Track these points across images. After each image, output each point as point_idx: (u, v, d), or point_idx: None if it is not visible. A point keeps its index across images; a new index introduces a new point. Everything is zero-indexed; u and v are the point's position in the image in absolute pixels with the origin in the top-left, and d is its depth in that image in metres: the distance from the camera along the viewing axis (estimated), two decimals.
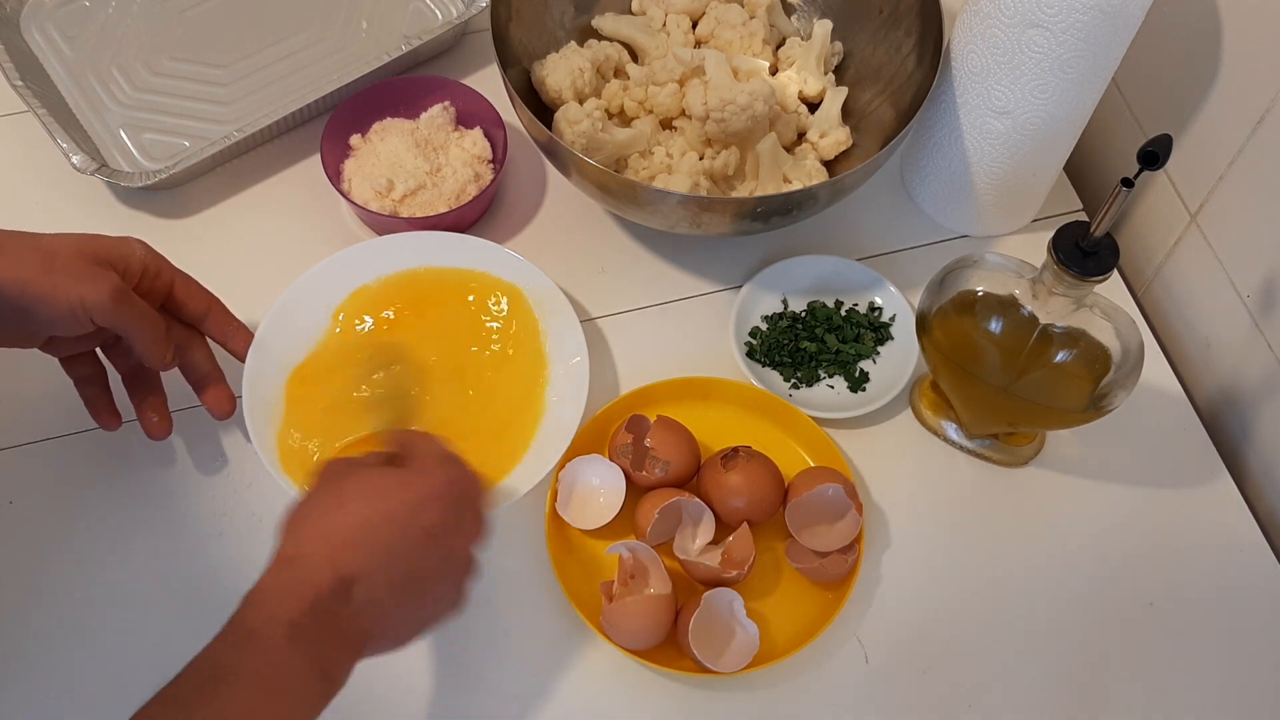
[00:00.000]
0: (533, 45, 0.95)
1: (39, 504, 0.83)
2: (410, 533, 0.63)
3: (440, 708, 0.76)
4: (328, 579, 0.60)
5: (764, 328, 0.90)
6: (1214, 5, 0.83)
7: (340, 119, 0.94)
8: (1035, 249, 0.84)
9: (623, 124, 0.94)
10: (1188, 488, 0.86)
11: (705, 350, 0.89)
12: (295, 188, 0.96)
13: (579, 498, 0.81)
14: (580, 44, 0.96)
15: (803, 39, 0.99)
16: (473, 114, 0.96)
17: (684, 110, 0.93)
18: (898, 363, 0.89)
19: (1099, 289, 0.72)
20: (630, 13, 1.01)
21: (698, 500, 0.79)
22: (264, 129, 0.94)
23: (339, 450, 0.81)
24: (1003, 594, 0.81)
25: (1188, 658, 0.80)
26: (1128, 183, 0.65)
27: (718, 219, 0.85)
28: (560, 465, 0.81)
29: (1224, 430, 0.90)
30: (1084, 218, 0.94)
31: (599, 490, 0.81)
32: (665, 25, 0.99)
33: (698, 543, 0.79)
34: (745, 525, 0.77)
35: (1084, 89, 0.81)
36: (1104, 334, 0.75)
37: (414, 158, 0.93)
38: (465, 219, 0.93)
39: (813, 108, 0.97)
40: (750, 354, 0.89)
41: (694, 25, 0.99)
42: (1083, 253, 0.69)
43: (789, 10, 1.02)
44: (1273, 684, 0.79)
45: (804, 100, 0.97)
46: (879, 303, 0.91)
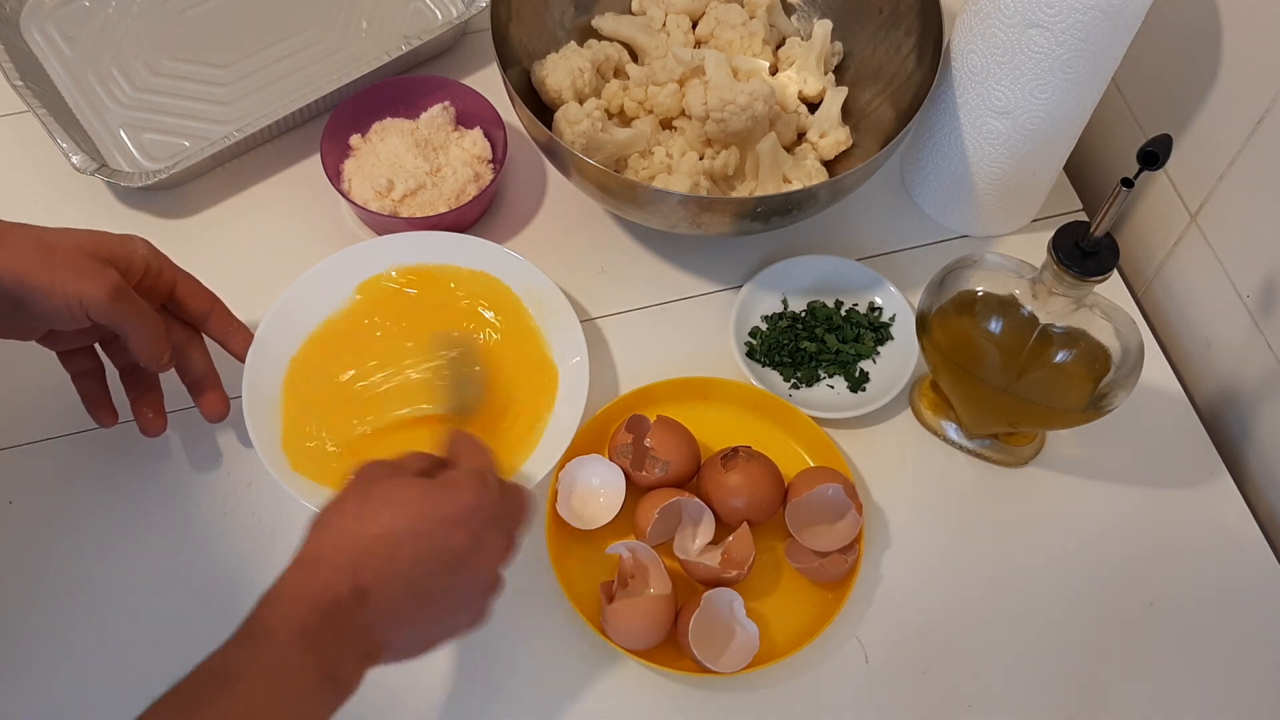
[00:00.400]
0: (533, 45, 0.95)
1: (39, 504, 0.83)
2: (434, 550, 0.62)
3: (440, 707, 0.76)
4: (345, 586, 0.59)
5: (764, 328, 0.90)
6: (1214, 5, 0.83)
7: (340, 119, 0.94)
8: (1035, 249, 0.84)
9: (623, 124, 0.94)
10: (1188, 488, 0.86)
11: (705, 350, 0.89)
12: (295, 188, 0.97)
13: (579, 498, 0.81)
14: (580, 44, 0.96)
15: (803, 39, 0.99)
16: (473, 114, 0.96)
17: (684, 110, 0.93)
18: (898, 363, 0.89)
19: (1099, 289, 0.72)
20: (630, 13, 1.01)
21: (698, 500, 0.79)
22: (264, 129, 0.94)
23: (391, 424, 0.81)
24: (1003, 594, 0.81)
25: (1188, 658, 0.80)
26: (1128, 183, 0.65)
27: (718, 219, 0.85)
28: (560, 465, 0.81)
29: (1224, 430, 0.90)
30: (1084, 218, 0.94)
31: (599, 490, 0.81)
32: (665, 25, 0.99)
33: (698, 543, 0.79)
34: (745, 525, 0.77)
35: (1084, 89, 0.81)
36: (1104, 334, 0.75)
37: (414, 158, 0.93)
38: (465, 219, 0.93)
39: (813, 108, 0.97)
40: (750, 354, 0.89)
41: (694, 25, 0.99)
42: (1083, 253, 0.69)
43: (789, 10, 1.02)
44: (1273, 684, 0.79)
45: (804, 100, 0.97)
46: (879, 303, 0.91)
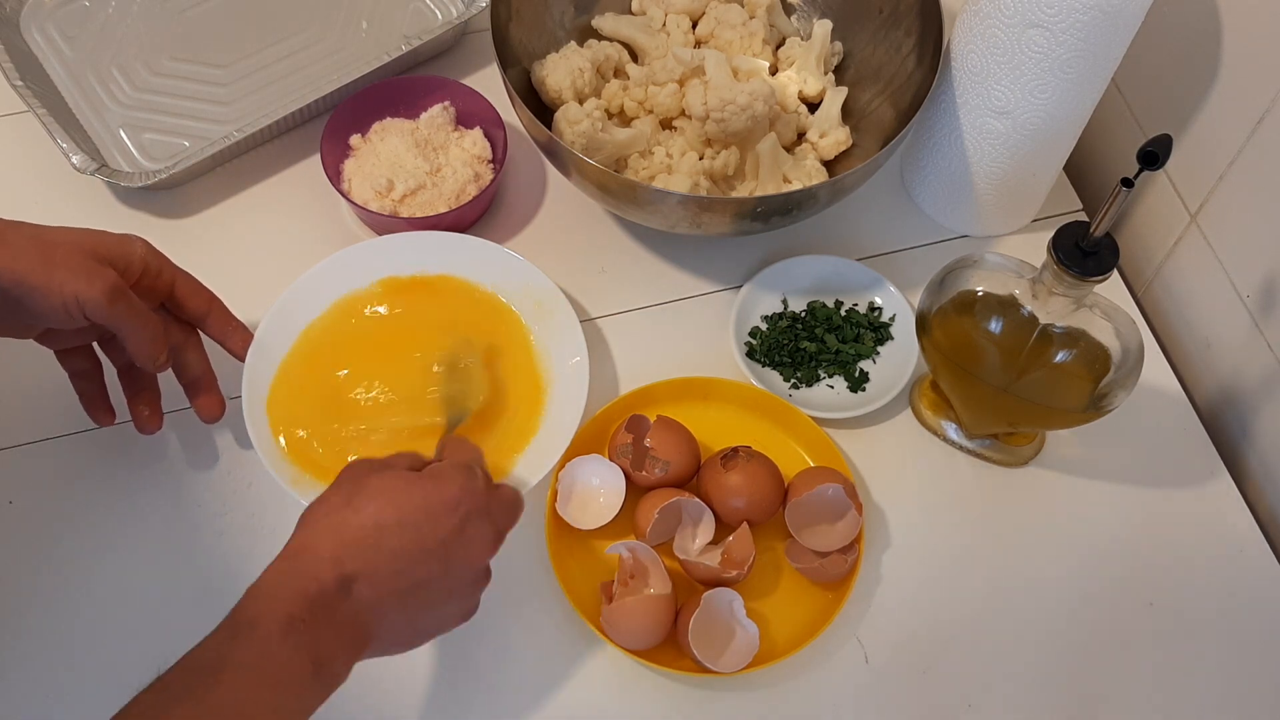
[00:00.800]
0: (533, 45, 0.95)
1: (39, 504, 0.83)
2: (421, 540, 0.63)
3: (439, 707, 0.76)
4: (330, 575, 0.60)
5: (764, 328, 0.90)
6: (1214, 5, 0.83)
7: (340, 119, 0.94)
8: (1035, 249, 0.84)
9: (623, 124, 0.94)
10: (1188, 488, 0.86)
11: (705, 350, 0.89)
12: (295, 188, 0.96)
13: (579, 498, 0.81)
14: (580, 44, 0.96)
15: (803, 39, 0.99)
16: (473, 114, 0.96)
17: (684, 110, 0.93)
18: (898, 363, 0.89)
19: (1099, 289, 0.72)
20: (630, 13, 1.01)
21: (698, 500, 0.79)
22: (264, 129, 0.94)
23: (389, 428, 0.81)
24: (1003, 594, 0.81)
25: (1188, 658, 0.80)
26: (1128, 183, 0.65)
27: (718, 219, 0.85)
28: (560, 465, 0.81)
29: (1224, 430, 0.90)
30: (1084, 218, 0.94)
31: (599, 490, 0.81)
32: (665, 25, 0.99)
33: (698, 543, 0.79)
34: (745, 525, 0.77)
35: (1084, 89, 0.81)
36: (1104, 334, 0.75)
37: (414, 158, 0.93)
38: (465, 219, 0.93)
39: (813, 108, 0.97)
40: (750, 354, 0.89)
41: (694, 25, 0.99)
42: (1083, 253, 0.69)
43: (789, 10, 1.02)
44: (1273, 684, 0.79)
45: (804, 100, 0.97)
46: (879, 303, 0.91)
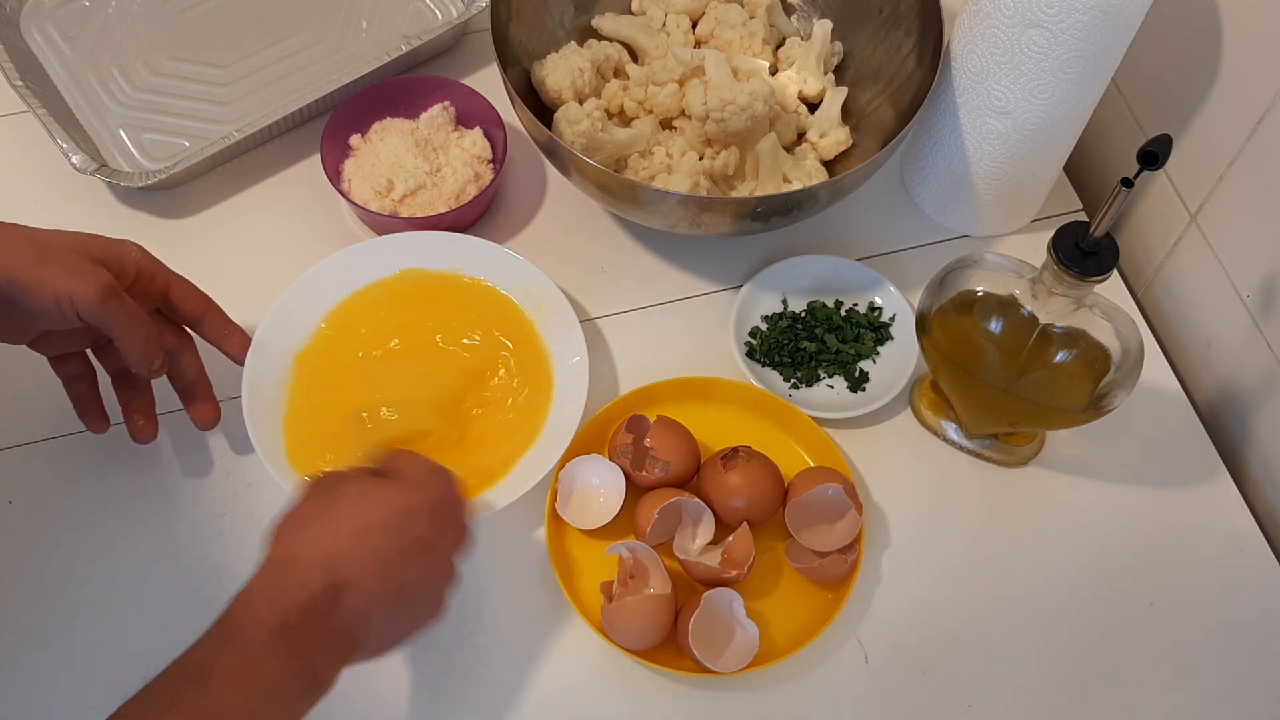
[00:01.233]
0: (533, 45, 0.95)
1: (39, 504, 0.83)
2: (403, 542, 0.63)
3: (439, 707, 0.76)
4: (320, 583, 0.60)
5: (764, 328, 0.90)
6: (1214, 5, 0.83)
7: (340, 119, 0.94)
8: (1035, 249, 0.84)
9: (623, 124, 0.94)
10: (1188, 488, 0.86)
11: (705, 350, 0.89)
12: (295, 188, 0.96)
13: (579, 498, 0.81)
14: (580, 44, 0.96)
15: (803, 39, 0.99)
16: (473, 114, 0.96)
17: (684, 110, 0.93)
18: (898, 363, 0.88)
19: (1099, 289, 0.72)
20: (630, 13, 1.01)
21: (698, 500, 0.79)
22: (264, 129, 0.94)
23: (392, 428, 0.81)
24: (1003, 594, 0.81)
25: (1188, 658, 0.80)
26: (1128, 183, 0.65)
27: (718, 219, 0.85)
28: (560, 465, 0.81)
29: (1224, 430, 0.90)
30: (1084, 218, 0.94)
31: (599, 490, 0.81)
32: (665, 25, 0.99)
33: (698, 543, 0.79)
34: (745, 525, 0.77)
35: (1084, 89, 0.81)
36: (1104, 334, 0.75)
37: (414, 158, 0.93)
38: (465, 219, 0.93)
39: (813, 108, 0.97)
40: (750, 354, 0.89)
41: (694, 25, 0.99)
42: (1083, 253, 0.69)
43: (789, 10, 1.02)
44: (1273, 684, 0.79)
45: (804, 100, 0.97)
46: (879, 303, 0.91)
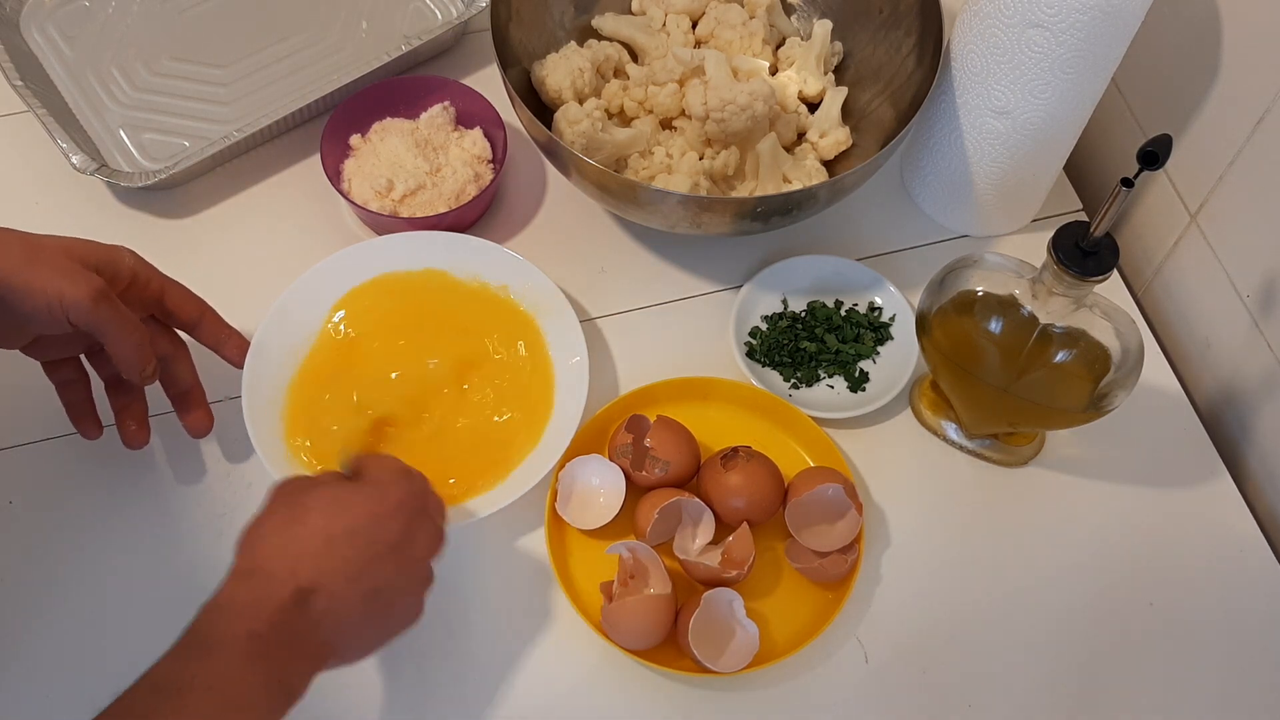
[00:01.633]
0: (533, 45, 0.95)
1: (39, 504, 0.83)
2: (371, 546, 0.63)
3: (439, 706, 0.76)
4: (288, 591, 0.60)
5: (764, 328, 0.90)
6: (1214, 5, 0.83)
7: (340, 119, 0.94)
8: (1035, 249, 0.84)
9: (623, 124, 0.94)
10: (1188, 488, 0.86)
11: (705, 350, 0.89)
12: (295, 188, 0.96)
13: (579, 498, 0.81)
14: (580, 44, 0.96)
15: (803, 39, 0.99)
16: (473, 114, 0.96)
17: (684, 110, 0.93)
18: (898, 363, 0.88)
19: (1099, 289, 0.72)
20: (630, 13, 1.01)
21: (698, 500, 0.79)
22: (264, 129, 0.94)
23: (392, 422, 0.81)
24: (1003, 594, 0.81)
25: (1188, 658, 0.80)
26: (1128, 183, 0.65)
27: (718, 219, 0.85)
28: (560, 465, 0.81)
29: (1224, 430, 0.90)
30: (1084, 218, 0.94)
31: (599, 490, 0.81)
32: (665, 25, 0.99)
33: (698, 543, 0.79)
34: (745, 525, 0.77)
35: (1084, 89, 0.81)
36: (1104, 334, 0.75)
37: (414, 158, 0.93)
38: (465, 219, 0.93)
39: (813, 108, 0.97)
40: (750, 354, 0.89)
41: (694, 25, 0.99)
42: (1083, 253, 0.69)
43: (789, 10, 1.02)
44: (1273, 684, 0.79)
45: (804, 100, 0.97)
46: (879, 303, 0.91)
